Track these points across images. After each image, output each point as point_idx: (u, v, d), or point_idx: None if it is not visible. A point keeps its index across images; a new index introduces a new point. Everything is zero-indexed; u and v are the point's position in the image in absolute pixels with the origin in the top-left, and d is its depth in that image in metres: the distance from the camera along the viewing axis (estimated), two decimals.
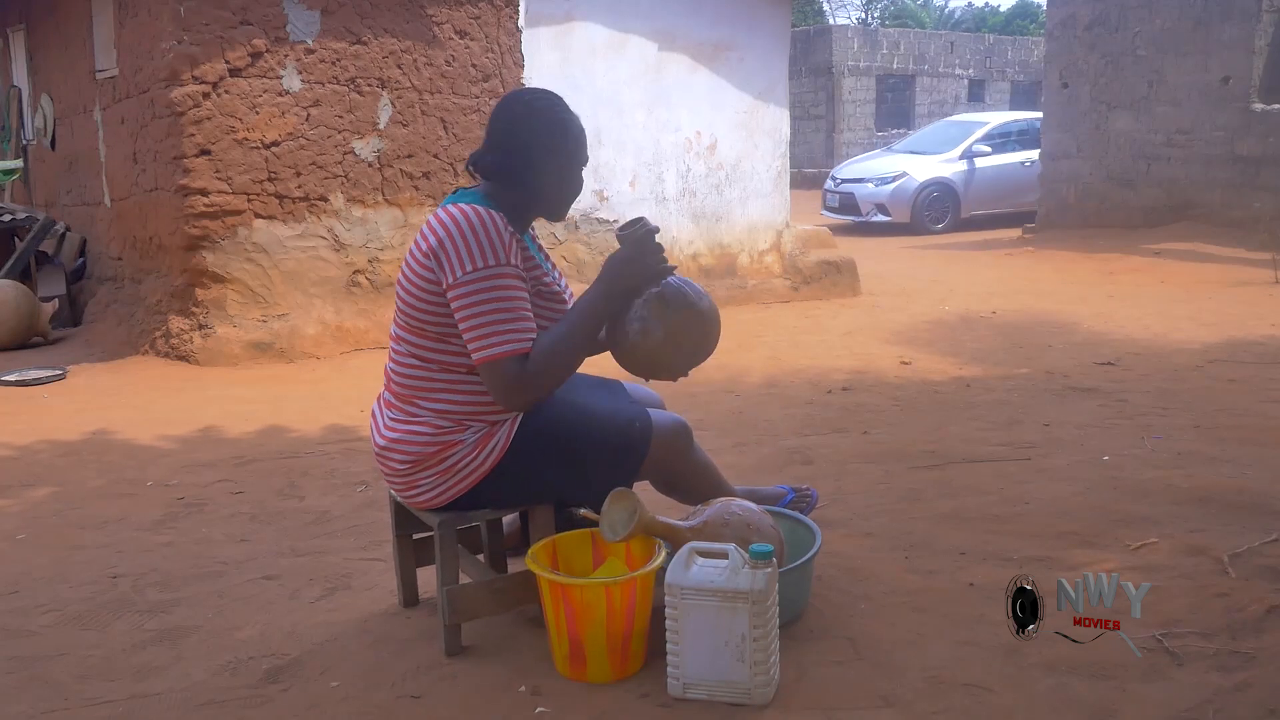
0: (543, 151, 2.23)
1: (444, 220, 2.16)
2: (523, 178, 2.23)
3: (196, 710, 2.06)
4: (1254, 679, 2.00)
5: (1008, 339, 6.13)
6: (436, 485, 2.21)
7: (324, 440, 4.23)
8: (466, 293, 2.10)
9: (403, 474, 2.23)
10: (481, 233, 2.11)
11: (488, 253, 2.11)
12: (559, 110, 2.27)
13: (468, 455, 2.19)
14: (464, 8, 6.46)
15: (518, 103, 2.29)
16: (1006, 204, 13.86)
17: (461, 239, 2.11)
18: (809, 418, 4.34)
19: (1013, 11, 39.60)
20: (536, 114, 2.25)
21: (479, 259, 2.10)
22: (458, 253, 2.11)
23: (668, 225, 7.49)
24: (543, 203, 2.30)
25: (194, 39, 5.66)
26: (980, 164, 13.79)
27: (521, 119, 2.25)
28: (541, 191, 2.26)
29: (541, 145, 2.23)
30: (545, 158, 2.23)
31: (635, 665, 2.11)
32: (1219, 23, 10.43)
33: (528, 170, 2.23)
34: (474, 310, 2.10)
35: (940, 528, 2.91)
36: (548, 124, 2.24)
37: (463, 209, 2.15)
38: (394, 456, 2.23)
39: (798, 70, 20.76)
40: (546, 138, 2.23)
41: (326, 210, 6.11)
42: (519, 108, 2.27)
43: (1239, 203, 10.10)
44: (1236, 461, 3.46)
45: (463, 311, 2.11)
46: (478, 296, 2.10)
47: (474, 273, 2.10)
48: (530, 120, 2.24)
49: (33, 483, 3.77)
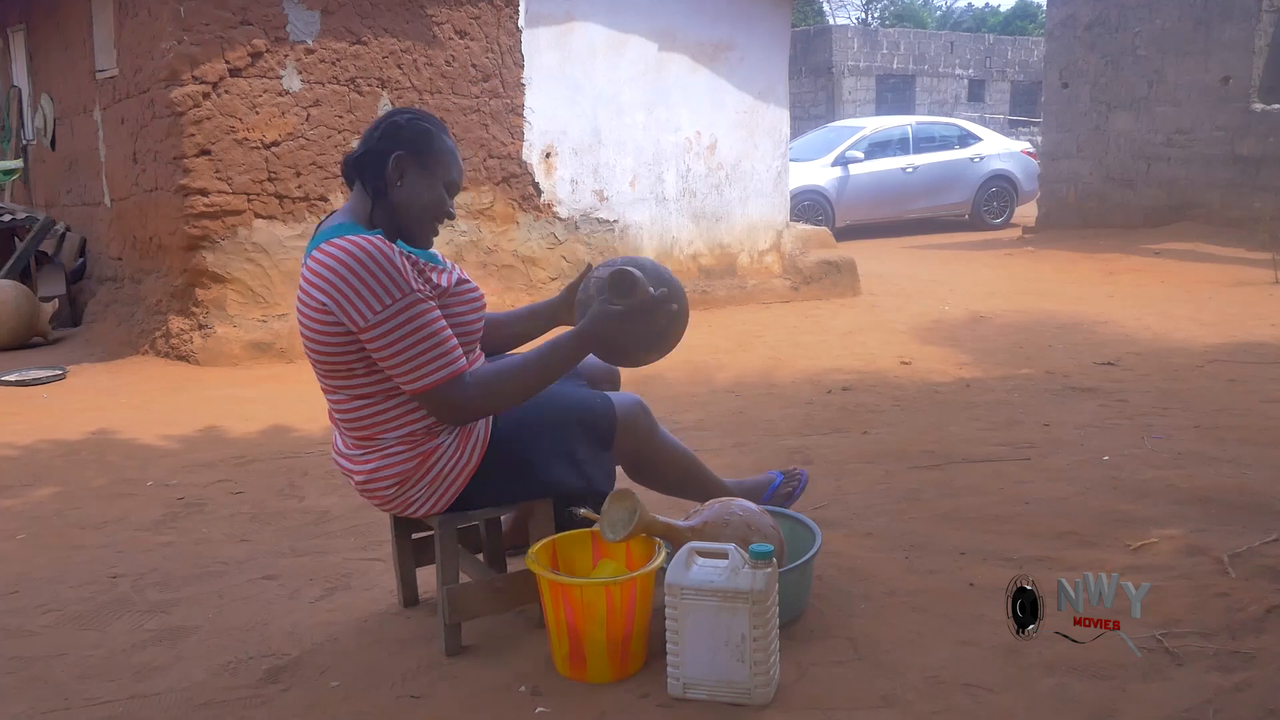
0: (409, 163, 2.12)
1: (327, 264, 2.01)
2: (379, 185, 2.12)
3: (196, 710, 2.06)
4: (1254, 679, 2.00)
5: (1008, 339, 6.13)
6: (429, 495, 2.20)
7: (324, 440, 4.23)
8: (380, 334, 2.00)
9: (392, 496, 2.20)
10: (375, 268, 1.98)
11: (390, 288, 1.99)
12: (428, 122, 2.18)
13: (451, 458, 2.17)
14: (464, 8, 6.46)
15: (385, 119, 2.18)
16: (886, 212, 13.31)
17: (356, 282, 1.98)
18: (809, 418, 4.34)
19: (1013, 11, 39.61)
20: (403, 124, 2.15)
21: (383, 297, 1.98)
22: (358, 297, 1.98)
23: (668, 225, 7.50)
24: (402, 217, 2.15)
25: (194, 39, 5.66)
26: (855, 170, 13.06)
27: (389, 126, 2.15)
28: (398, 204, 2.13)
29: (409, 152, 2.12)
30: (411, 167, 2.13)
31: (635, 665, 2.11)
32: (1219, 23, 10.44)
33: (381, 177, 2.11)
34: (394, 349, 2.01)
35: (940, 528, 2.91)
36: (413, 131, 2.15)
37: (343, 246, 2.01)
38: (379, 484, 2.18)
39: (798, 70, 20.78)
40: (412, 149, 2.13)
41: (326, 210, 6.11)
42: (384, 123, 2.16)
43: (1239, 203, 10.10)
44: (1236, 461, 3.46)
45: (383, 351, 2.02)
46: (393, 335, 2.00)
47: (381, 313, 1.99)
48: (396, 132, 2.14)
49: (33, 482, 3.77)
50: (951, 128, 14.42)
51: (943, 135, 14.00)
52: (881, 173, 13.25)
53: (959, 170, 13.67)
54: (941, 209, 13.81)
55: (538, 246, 6.92)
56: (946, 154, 13.68)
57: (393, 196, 2.13)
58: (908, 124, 14.12)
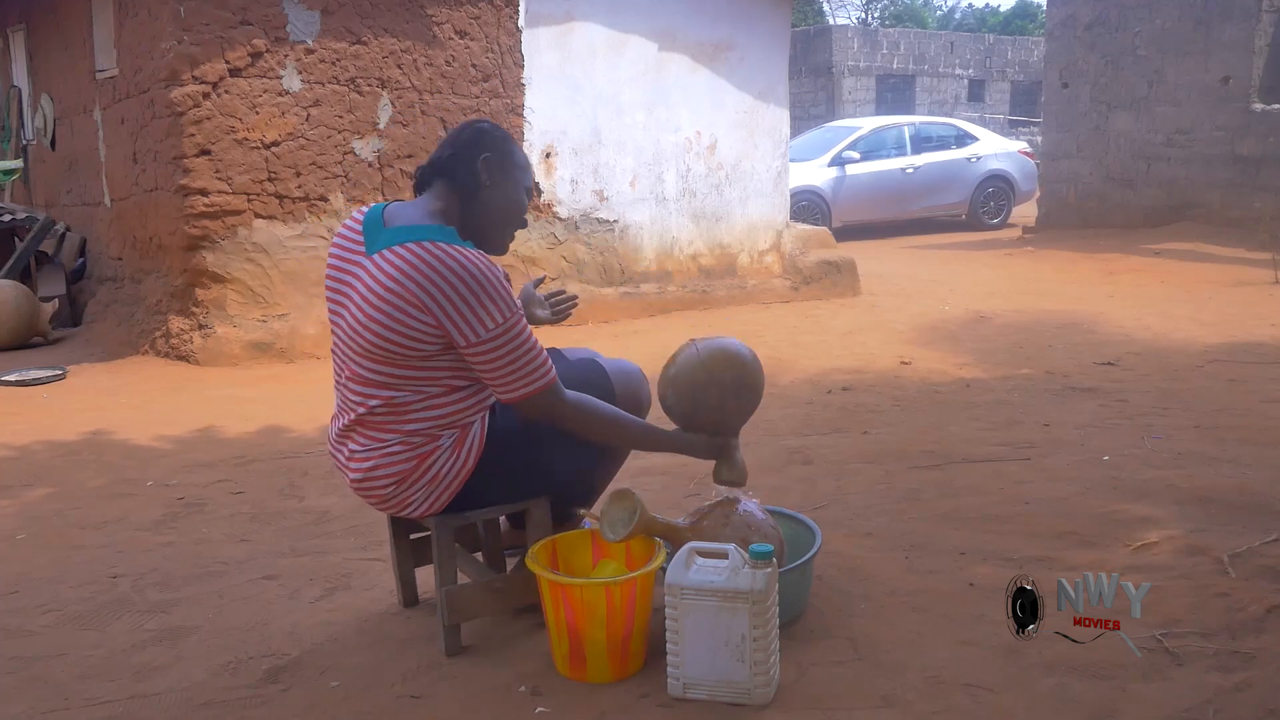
0: (495, 166, 2.21)
1: (436, 269, 2.03)
2: (469, 186, 2.20)
3: (196, 710, 2.06)
4: (1254, 679, 2.00)
5: (1008, 339, 6.13)
6: (426, 496, 2.19)
7: (324, 440, 4.21)
8: (487, 350, 2.06)
9: (388, 496, 2.20)
10: (490, 288, 2.03)
11: (502, 308, 2.05)
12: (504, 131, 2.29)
13: (448, 459, 2.16)
14: (464, 8, 6.46)
15: (469, 126, 2.28)
16: (883, 212, 13.22)
17: (472, 298, 2.02)
18: (809, 418, 4.34)
19: (1013, 11, 39.61)
20: (487, 129, 2.25)
21: (497, 316, 2.04)
22: (473, 314, 2.03)
23: (668, 225, 7.50)
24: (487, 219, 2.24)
25: (194, 39, 5.66)
26: (851, 170, 13.02)
27: (474, 131, 2.24)
28: (485, 205, 2.22)
29: (495, 155, 2.21)
30: (497, 171, 2.21)
31: (635, 665, 2.11)
32: (1219, 23, 10.44)
33: (475, 183, 2.19)
34: (499, 363, 2.08)
35: (940, 528, 2.92)
36: (497, 136, 2.24)
37: (456, 257, 2.03)
38: (375, 484, 2.18)
39: (798, 70, 20.78)
40: (497, 153, 2.22)
41: (327, 210, 6.11)
42: (469, 129, 2.26)
43: (1239, 203, 10.10)
44: (1236, 461, 3.46)
45: (485, 364, 2.08)
46: (499, 351, 2.06)
47: (493, 330, 2.04)
48: (481, 137, 2.23)
49: (32, 483, 3.77)
50: (949, 128, 14.39)
51: (940, 135, 13.96)
52: (878, 173, 13.20)
53: (956, 170, 13.64)
54: (939, 209, 13.78)
55: (538, 246, 6.92)
56: (944, 154, 13.65)
57: (481, 198, 2.20)
58: (905, 124, 14.08)
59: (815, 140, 14.02)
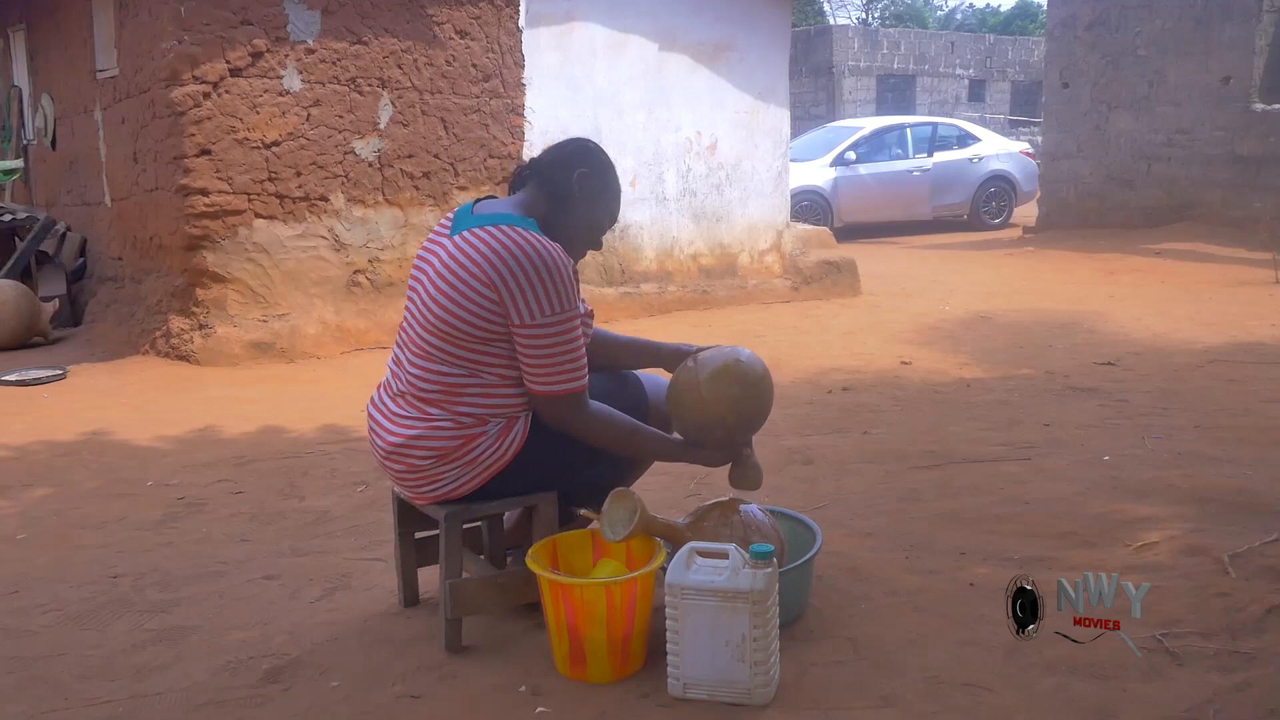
0: (589, 182, 2.31)
1: (511, 250, 2.13)
2: (562, 192, 2.29)
3: (196, 710, 2.06)
4: (1254, 679, 2.00)
5: (1008, 339, 6.13)
6: (459, 477, 2.22)
7: (324, 440, 4.23)
8: (535, 334, 2.13)
9: (423, 469, 2.22)
10: (557, 276, 2.13)
11: (563, 298, 2.13)
12: (608, 158, 2.41)
13: (491, 446, 2.20)
14: (464, 8, 6.46)
15: (575, 140, 2.41)
16: (884, 213, 13.17)
17: (537, 280, 2.11)
18: (809, 418, 4.34)
19: (1013, 11, 39.63)
20: (594, 149, 2.37)
21: (555, 304, 2.13)
22: (534, 295, 2.11)
23: (668, 225, 7.50)
24: (571, 227, 2.33)
25: (194, 39, 5.65)
26: (853, 171, 13.01)
27: (580, 146, 2.37)
28: (572, 213, 2.31)
29: (592, 172, 2.32)
30: (590, 188, 2.31)
31: (635, 665, 2.11)
32: (1219, 23, 10.44)
33: (567, 191, 2.29)
34: (541, 351, 2.15)
35: (940, 528, 2.92)
36: (600, 157, 2.37)
37: (531, 242, 2.14)
38: (414, 453, 2.21)
39: (798, 70, 20.75)
40: (595, 171, 2.34)
41: (327, 210, 6.11)
42: (575, 143, 2.39)
43: (1239, 203, 10.10)
44: (1236, 461, 3.46)
45: (528, 348, 2.15)
46: (547, 339, 2.14)
47: (548, 316, 2.13)
48: (585, 152, 2.35)
49: (33, 483, 3.77)
50: (950, 128, 14.39)
51: (941, 135, 13.95)
52: (880, 173, 13.20)
53: (957, 170, 13.64)
54: (940, 209, 13.77)
55: None
56: (945, 154, 13.64)
57: (568, 207, 2.31)
58: (906, 124, 14.07)
59: (817, 140, 14.02)
